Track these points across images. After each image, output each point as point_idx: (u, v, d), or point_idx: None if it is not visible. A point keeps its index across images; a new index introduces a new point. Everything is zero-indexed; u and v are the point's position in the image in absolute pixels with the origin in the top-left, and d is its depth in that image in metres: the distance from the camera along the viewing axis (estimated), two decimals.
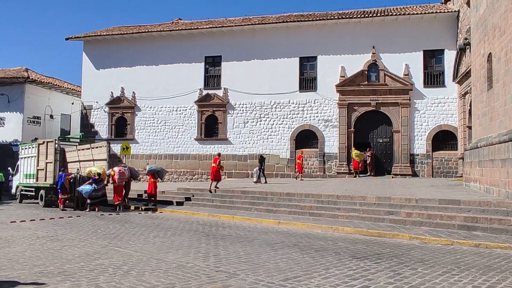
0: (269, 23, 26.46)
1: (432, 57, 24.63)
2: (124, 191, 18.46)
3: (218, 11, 79.59)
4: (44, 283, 6.38)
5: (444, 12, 23.93)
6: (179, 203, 18.43)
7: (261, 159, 22.23)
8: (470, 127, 20.85)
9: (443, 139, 24.06)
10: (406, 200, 13.31)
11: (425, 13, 24.05)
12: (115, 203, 17.95)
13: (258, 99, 26.49)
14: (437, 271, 7.22)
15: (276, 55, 26.33)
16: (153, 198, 18.56)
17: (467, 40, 19.41)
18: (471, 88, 19.37)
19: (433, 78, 24.41)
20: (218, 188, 18.99)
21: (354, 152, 23.82)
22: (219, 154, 20.45)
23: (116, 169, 18.30)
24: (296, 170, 23.77)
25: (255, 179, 21.53)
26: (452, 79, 23.20)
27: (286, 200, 15.81)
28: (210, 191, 18.58)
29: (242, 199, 17.06)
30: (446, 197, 13.06)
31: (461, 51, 21.31)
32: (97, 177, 17.99)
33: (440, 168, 23.80)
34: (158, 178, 19.15)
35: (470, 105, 20.23)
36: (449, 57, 23.86)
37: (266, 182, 21.22)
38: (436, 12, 24.00)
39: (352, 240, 10.38)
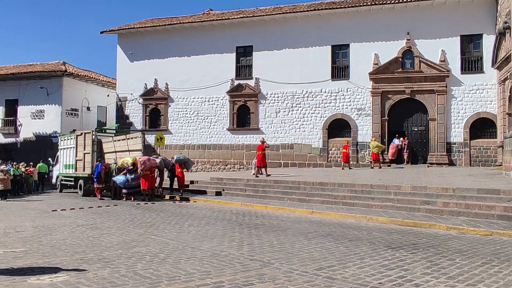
0: (300, 11, 26.17)
1: (470, 42, 23.79)
2: (151, 181, 18.28)
3: (249, 1, 79.29)
4: (85, 269, 6.61)
5: None
6: (212, 193, 18.64)
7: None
8: (510, 114, 20.13)
9: (482, 126, 23.30)
10: (442, 189, 13.01)
11: None
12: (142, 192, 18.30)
13: (290, 88, 26.35)
14: (475, 262, 7.06)
15: (307, 43, 26.06)
16: (179, 187, 18.84)
17: (507, 24, 18.65)
18: (511, 73, 18.66)
19: (471, 64, 23.61)
20: (270, 175, 19.38)
21: (372, 143, 22.95)
22: (262, 141, 20.59)
23: (141, 158, 18.41)
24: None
25: (253, 171, 20.67)
26: (491, 65, 22.37)
27: (319, 190, 15.75)
28: (257, 176, 19.27)
29: (274, 188, 17.10)
30: (485, 187, 12.69)
31: (501, 36, 20.48)
32: (130, 167, 18.33)
33: (478, 157, 23.10)
34: (185, 168, 19.39)
35: (510, 91, 19.52)
36: (488, 42, 22.98)
37: (268, 174, 19.83)
38: None
39: (387, 230, 10.25)
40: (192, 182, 20.95)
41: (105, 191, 20.05)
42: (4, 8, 77.60)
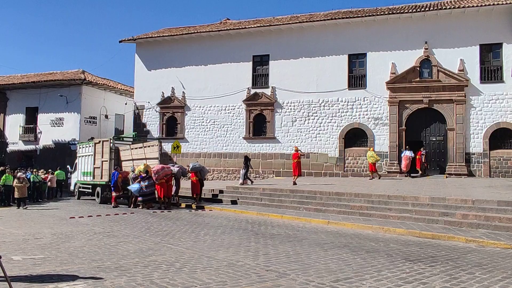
0: (317, 20, 26.20)
1: (489, 52, 23.49)
2: (166, 189, 18.38)
3: (266, 10, 79.81)
4: (102, 278, 6.66)
5: (502, 4, 22.73)
6: (228, 202, 18.66)
7: (246, 159, 21.70)
8: None
9: (502, 137, 22.90)
10: (461, 201, 12.80)
11: (481, 5, 22.95)
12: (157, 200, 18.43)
13: (306, 97, 26.32)
14: (496, 276, 6.91)
15: (324, 52, 26.03)
16: (196, 196, 18.89)
17: None
18: None
19: (490, 73, 23.29)
20: (296, 184, 19.41)
21: (369, 153, 22.32)
22: (297, 150, 20.82)
23: (155, 167, 18.55)
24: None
25: (241, 181, 21.02)
26: (511, 74, 22.05)
27: (336, 200, 15.64)
28: (295, 183, 19.48)
29: (290, 198, 17.04)
30: (506, 199, 12.45)
31: None
32: (144, 175, 18.43)
33: (498, 168, 22.69)
34: (200, 177, 19.42)
35: None
36: (508, 51, 22.68)
37: (252, 182, 20.93)
38: (493, 4, 22.83)
39: (405, 242, 10.12)
40: (213, 193, 20.65)
41: (121, 198, 20.21)
42: (25, 15, 79.42)
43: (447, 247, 9.52)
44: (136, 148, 21.37)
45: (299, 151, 20.68)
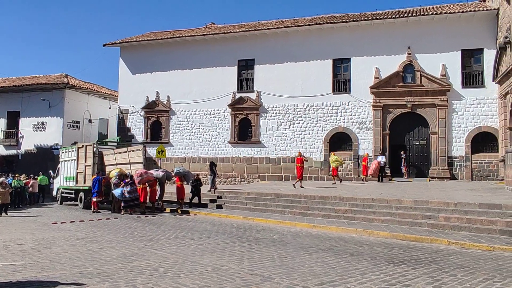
0: (302, 25, 26.37)
1: (471, 57, 23.91)
2: (149, 194, 18.28)
3: (251, 14, 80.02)
4: (84, 284, 6.56)
5: (483, 10, 23.20)
6: (213, 206, 18.59)
7: (212, 165, 21.31)
8: (511, 129, 20.14)
9: (483, 141, 23.29)
10: (444, 204, 12.95)
11: (463, 11, 23.38)
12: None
13: (291, 101, 26.43)
14: (477, 278, 7.00)
15: (309, 57, 26.20)
16: (180, 201, 18.76)
17: (508, 39, 18.76)
18: None
19: (472, 78, 23.69)
20: (303, 187, 19.62)
21: (332, 157, 21.96)
22: (300, 154, 20.97)
23: (138, 171, 18.44)
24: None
25: (209, 187, 20.93)
26: (492, 79, 22.45)
27: (320, 204, 15.70)
28: (294, 186, 20.05)
29: (275, 202, 17.04)
30: (487, 201, 12.63)
31: (501, 50, 20.58)
32: (128, 180, 18.26)
33: (479, 171, 23.05)
34: (185, 181, 19.31)
35: None
36: (489, 56, 23.10)
37: (215, 189, 20.69)
38: (474, 10, 23.29)
39: (388, 245, 10.19)
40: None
41: (105, 203, 19.98)
42: (8, 18, 78.36)
43: (430, 249, 9.61)
44: (120, 153, 21.17)
45: (302, 156, 20.79)
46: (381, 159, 22.98)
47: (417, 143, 24.55)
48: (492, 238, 10.38)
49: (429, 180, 22.94)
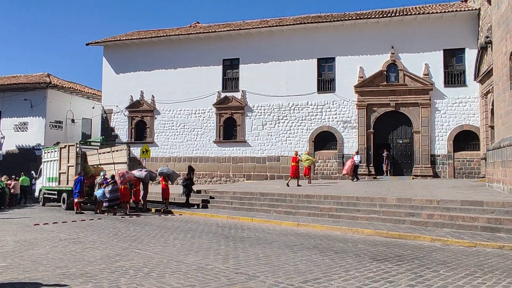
0: (287, 24, 26.43)
1: (453, 56, 24.24)
2: (131, 194, 18.22)
3: (235, 14, 79.99)
4: (67, 285, 6.48)
5: (465, 10, 23.55)
6: (198, 206, 18.52)
7: (190, 169, 20.24)
8: (492, 127, 20.45)
9: (465, 139, 23.65)
10: (427, 201, 13.12)
11: (445, 11, 23.70)
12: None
13: (276, 101, 26.48)
14: (459, 273, 7.09)
15: (294, 56, 26.28)
16: (165, 201, 18.62)
17: (489, 39, 19.06)
18: (493, 87, 19.00)
19: (454, 78, 24.03)
20: (300, 186, 19.63)
21: (304, 157, 21.23)
22: (296, 153, 20.85)
23: (120, 171, 18.33)
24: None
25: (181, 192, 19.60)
26: (474, 78, 22.82)
27: (305, 202, 15.75)
28: (288, 185, 19.97)
29: (261, 201, 17.05)
30: (469, 198, 12.83)
31: (483, 50, 20.93)
32: (109, 180, 18.07)
33: (462, 169, 23.40)
34: (169, 181, 19.17)
35: (492, 105, 19.84)
36: (470, 56, 23.46)
37: (191, 194, 19.32)
38: (456, 10, 23.63)
39: (372, 242, 10.27)
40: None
41: (88, 204, 19.75)
42: None
43: (413, 246, 9.72)
44: (104, 153, 20.97)
45: (298, 156, 20.60)
46: (356, 158, 22.73)
47: (401, 141, 24.81)
48: (473, 235, 10.54)
49: (413, 178, 23.21)
